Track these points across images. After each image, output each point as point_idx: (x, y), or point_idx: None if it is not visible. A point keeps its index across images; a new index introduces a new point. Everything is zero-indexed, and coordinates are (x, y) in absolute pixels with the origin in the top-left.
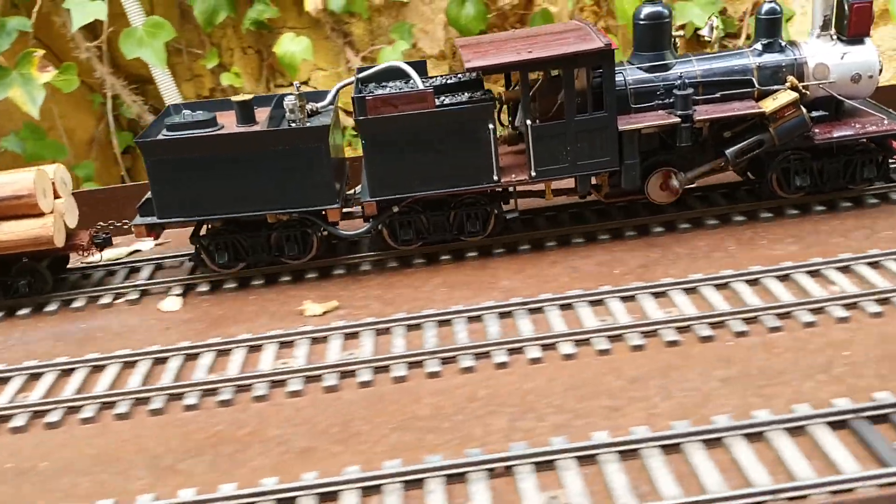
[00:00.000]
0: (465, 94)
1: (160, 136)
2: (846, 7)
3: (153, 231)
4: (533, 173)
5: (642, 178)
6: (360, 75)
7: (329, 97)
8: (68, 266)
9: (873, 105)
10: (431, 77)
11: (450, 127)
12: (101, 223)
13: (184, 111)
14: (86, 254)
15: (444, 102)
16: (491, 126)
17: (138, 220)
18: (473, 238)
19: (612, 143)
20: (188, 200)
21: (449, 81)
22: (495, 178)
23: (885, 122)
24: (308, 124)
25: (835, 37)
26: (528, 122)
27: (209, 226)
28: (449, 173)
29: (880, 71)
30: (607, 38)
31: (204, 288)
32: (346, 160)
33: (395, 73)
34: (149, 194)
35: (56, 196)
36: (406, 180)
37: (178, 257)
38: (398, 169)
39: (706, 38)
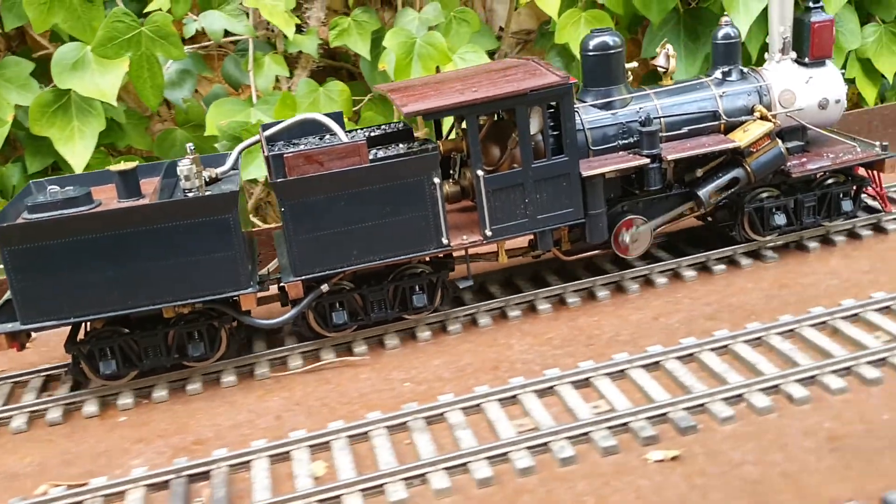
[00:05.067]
0: (399, 145)
1: (20, 220)
2: (806, 27)
3: (16, 340)
4: (488, 232)
5: (609, 228)
6: (267, 132)
7: (230, 160)
8: None
9: (833, 132)
10: (350, 130)
11: (388, 184)
12: None
13: (49, 188)
14: None
15: (378, 156)
16: (437, 180)
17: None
18: (419, 314)
19: (575, 192)
20: (61, 298)
21: (373, 134)
22: (444, 241)
23: (858, 150)
24: (209, 193)
25: (796, 60)
26: (480, 172)
27: (87, 327)
28: (389, 239)
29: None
30: (561, 71)
31: (91, 408)
32: (253, 234)
33: (308, 127)
34: (8, 294)
35: None
36: (338, 252)
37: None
38: (327, 239)
39: (661, 69)
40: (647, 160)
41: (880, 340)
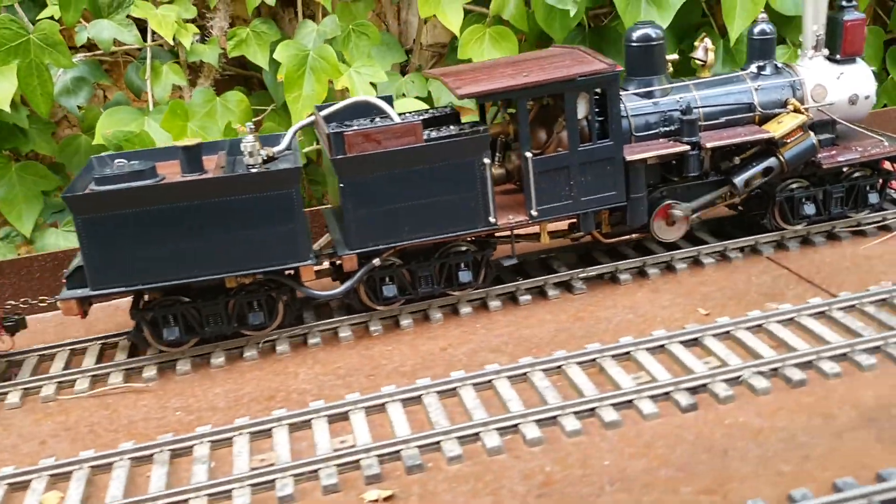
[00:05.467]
0: (450, 127)
1: (94, 189)
2: (839, 25)
3: (83, 306)
4: (534, 212)
5: (649, 213)
6: (322, 112)
7: (286, 140)
8: None
9: (862, 127)
10: (400, 114)
11: (441, 163)
12: (12, 302)
13: (116, 161)
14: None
15: (432, 136)
16: (486, 161)
17: (66, 293)
18: (463, 290)
19: (618, 176)
20: (129, 266)
21: (423, 117)
22: (492, 220)
23: (886, 144)
24: (272, 168)
25: (828, 57)
26: (529, 154)
27: (145, 296)
28: (439, 217)
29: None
30: (608, 59)
31: (150, 373)
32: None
33: (360, 110)
34: (77, 261)
35: None
36: (392, 228)
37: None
38: (382, 215)
39: (699, 62)
40: (688, 147)
41: (636, 381)
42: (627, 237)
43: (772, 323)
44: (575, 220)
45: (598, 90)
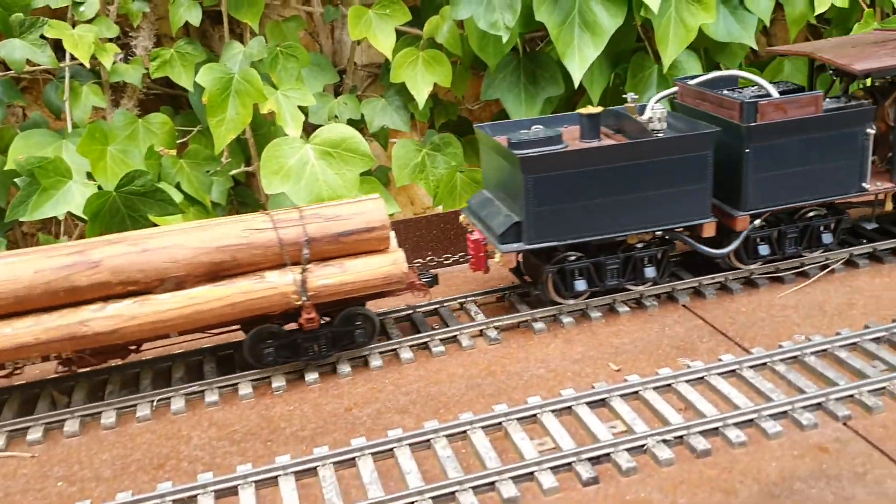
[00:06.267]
0: (831, 100)
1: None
2: None
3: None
4: None
5: None
6: (692, 82)
7: (648, 110)
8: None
9: None
10: (742, 88)
11: (832, 132)
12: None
13: (533, 127)
14: (422, 294)
15: (829, 108)
16: (870, 131)
17: (505, 247)
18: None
19: None
20: (561, 222)
21: (781, 89)
22: (865, 186)
23: None
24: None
25: None
26: None
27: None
28: (818, 182)
29: None
30: None
31: (35, 435)
32: None
33: (727, 81)
34: (511, 219)
35: None
36: (785, 190)
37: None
38: (779, 179)
39: None
40: None
41: (540, 449)
42: None
43: (681, 383)
44: None
45: None
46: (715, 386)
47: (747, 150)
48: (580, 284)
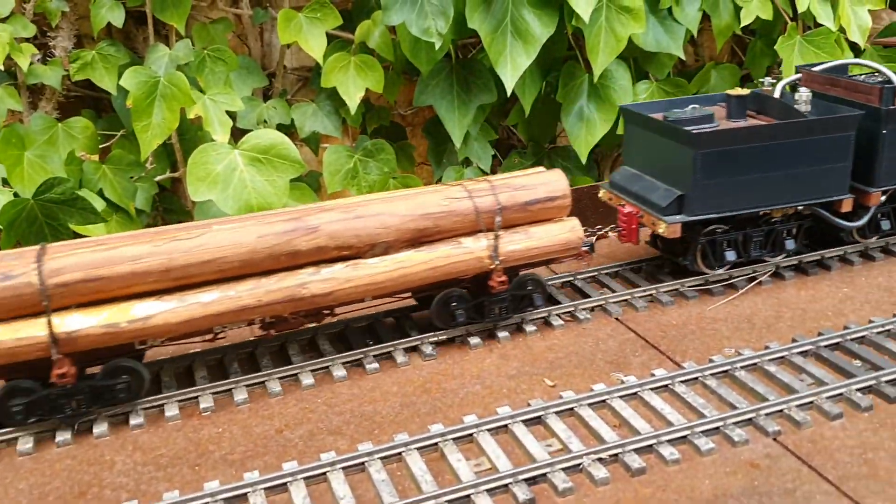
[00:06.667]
0: None
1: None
2: None
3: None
4: None
5: None
6: (816, 69)
7: (777, 92)
8: None
9: None
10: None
11: None
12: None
13: (691, 106)
14: (584, 260)
15: None
16: None
17: (670, 218)
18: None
19: None
20: (720, 195)
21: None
22: None
23: None
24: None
25: None
26: None
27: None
28: None
29: None
30: None
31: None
32: None
33: (845, 69)
34: (672, 193)
35: None
36: None
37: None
38: None
39: None
40: None
41: (477, 470)
42: None
43: (615, 399)
44: None
45: None
46: (648, 402)
47: (884, 132)
48: (730, 255)
